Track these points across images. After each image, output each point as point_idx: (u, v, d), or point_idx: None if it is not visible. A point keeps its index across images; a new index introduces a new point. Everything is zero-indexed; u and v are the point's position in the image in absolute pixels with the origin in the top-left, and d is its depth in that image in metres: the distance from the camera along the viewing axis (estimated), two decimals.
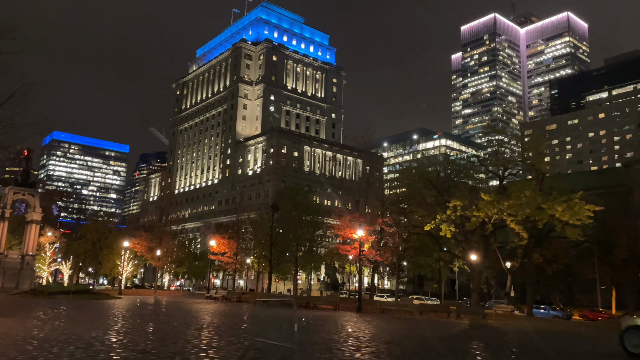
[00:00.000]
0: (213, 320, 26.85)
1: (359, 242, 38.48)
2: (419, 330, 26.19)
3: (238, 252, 61.59)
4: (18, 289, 58.50)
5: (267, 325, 23.08)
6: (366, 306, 40.36)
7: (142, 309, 33.88)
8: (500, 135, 43.81)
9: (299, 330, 19.89)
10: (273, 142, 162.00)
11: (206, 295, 58.15)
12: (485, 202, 36.05)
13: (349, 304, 42.52)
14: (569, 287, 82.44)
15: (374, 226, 40.28)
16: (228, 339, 17.90)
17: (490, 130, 44.82)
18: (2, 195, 66.79)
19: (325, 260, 76.31)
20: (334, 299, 44.73)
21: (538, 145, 42.34)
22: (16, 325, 19.71)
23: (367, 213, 40.59)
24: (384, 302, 42.91)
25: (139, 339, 16.50)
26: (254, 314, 30.96)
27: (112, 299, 47.16)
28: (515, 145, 43.49)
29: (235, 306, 42.45)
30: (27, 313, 26.30)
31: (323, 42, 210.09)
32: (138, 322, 23.15)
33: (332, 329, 23.93)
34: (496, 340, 23.57)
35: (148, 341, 16.30)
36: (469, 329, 28.66)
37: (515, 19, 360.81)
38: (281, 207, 56.68)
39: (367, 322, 29.67)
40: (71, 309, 30.11)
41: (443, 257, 55.81)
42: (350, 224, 40.07)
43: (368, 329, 24.71)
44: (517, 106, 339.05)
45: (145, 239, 68.93)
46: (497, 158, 40.41)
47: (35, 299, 39.70)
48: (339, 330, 23.54)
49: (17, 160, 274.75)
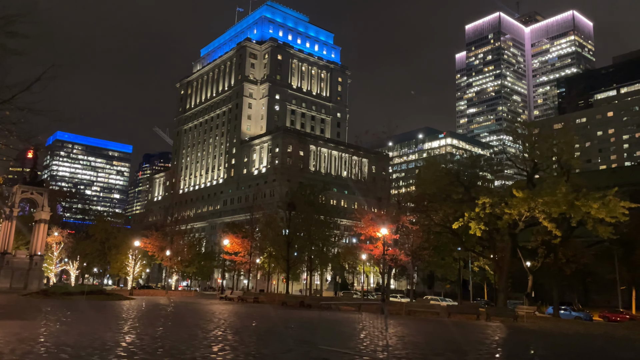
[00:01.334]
0: (244, 323, 25.32)
1: (383, 241, 37.04)
2: (465, 335, 24.60)
3: (252, 252, 60.12)
4: (27, 289, 57.15)
5: (338, 332, 21.12)
6: (389, 307, 38.83)
7: (163, 311, 32.40)
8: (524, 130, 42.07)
9: (353, 336, 18.45)
10: (279, 141, 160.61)
11: (220, 296, 56.65)
12: (518, 199, 34.57)
13: (370, 306, 41.04)
14: (584, 287, 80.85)
15: (397, 224, 38.80)
16: (276, 345, 16.45)
17: (519, 125, 43.15)
18: (9, 194, 65.51)
19: (338, 260, 74.86)
20: (357, 301, 43.16)
21: (570, 139, 40.77)
22: (39, 330, 18.30)
23: (389, 211, 39.05)
24: (409, 304, 41.39)
25: (183, 347, 15.03)
26: (321, 318, 28.96)
27: (125, 299, 45.74)
28: (544, 141, 41.87)
29: (255, 307, 40.95)
30: (46, 315, 24.88)
31: (328, 41, 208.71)
32: (170, 325, 21.70)
33: (379, 334, 22.39)
34: (556, 347, 21.89)
35: (192, 348, 14.86)
36: (513, 332, 27.11)
37: (520, 17, 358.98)
38: (297, 206, 55.30)
39: (403, 324, 28.19)
40: (90, 311, 28.71)
41: (463, 256, 54.26)
42: (373, 222, 38.58)
43: (413, 334, 23.16)
44: (522, 105, 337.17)
45: (157, 238, 67.60)
46: (527, 154, 38.82)
47: (49, 300, 38.30)
48: (389, 335, 22.00)
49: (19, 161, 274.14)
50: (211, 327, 21.55)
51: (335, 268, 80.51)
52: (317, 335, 19.43)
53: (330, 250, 72.52)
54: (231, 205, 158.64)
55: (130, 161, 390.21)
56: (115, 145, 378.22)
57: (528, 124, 45.71)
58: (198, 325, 22.48)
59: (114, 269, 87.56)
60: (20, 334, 16.74)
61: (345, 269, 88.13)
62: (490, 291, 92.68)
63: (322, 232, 60.49)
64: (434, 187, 40.82)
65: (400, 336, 21.61)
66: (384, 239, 37.14)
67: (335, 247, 76.84)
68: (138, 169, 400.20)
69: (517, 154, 41.92)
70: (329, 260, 67.68)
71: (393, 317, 35.23)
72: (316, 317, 30.60)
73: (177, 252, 69.12)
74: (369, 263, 78.55)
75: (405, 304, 40.24)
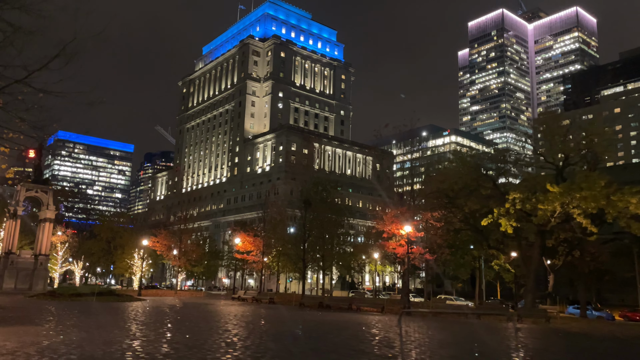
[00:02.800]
0: (277, 328, 23.41)
1: (407, 239, 35.33)
2: (511, 340, 22.80)
3: (264, 251, 58.45)
4: (32, 290, 55.47)
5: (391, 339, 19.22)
6: (413, 309, 37.14)
7: (180, 314, 30.61)
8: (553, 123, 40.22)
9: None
10: (282, 139, 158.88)
11: (233, 296, 54.86)
12: (554, 194, 32.83)
13: (393, 306, 39.33)
14: (598, 286, 79.13)
15: (421, 221, 37.13)
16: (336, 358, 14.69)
17: (549, 116, 41.33)
18: (13, 193, 63.79)
19: (351, 258, 73.24)
20: (380, 301, 41.39)
21: (602, 131, 39.00)
22: (58, 338, 16.58)
23: (412, 207, 37.34)
24: (437, 305, 39.67)
25: (224, 358, 13.28)
26: (351, 321, 26.93)
27: (135, 300, 44.00)
28: (576, 133, 40.07)
29: (274, 309, 39.08)
30: (60, 320, 23.13)
31: (331, 38, 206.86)
32: (198, 331, 19.89)
33: (425, 340, 20.64)
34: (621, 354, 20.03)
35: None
36: (557, 336, 25.39)
37: (523, 14, 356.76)
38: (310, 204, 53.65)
39: (443, 329, 26.43)
40: (105, 314, 26.96)
41: (482, 254, 52.53)
42: (396, 220, 36.92)
43: (457, 340, 21.37)
44: (526, 102, 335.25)
45: (165, 237, 65.88)
46: (559, 146, 37.02)
47: (58, 302, 36.57)
48: (437, 340, 20.33)
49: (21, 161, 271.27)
50: (245, 334, 19.81)
51: (343, 267, 78.84)
52: (366, 343, 17.73)
53: (343, 249, 70.88)
54: (235, 204, 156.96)
55: (132, 160, 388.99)
56: (116, 145, 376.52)
57: (557, 116, 43.92)
58: (229, 330, 20.72)
59: (119, 268, 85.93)
60: (38, 342, 15.03)
61: (355, 268, 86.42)
62: (503, 290, 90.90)
63: (335, 230, 58.82)
64: (461, 182, 39.10)
65: (448, 342, 19.88)
66: (407, 237, 35.45)
67: (346, 245, 75.08)
68: (139, 169, 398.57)
69: (542, 147, 40.15)
70: (341, 259, 66.12)
71: (419, 318, 33.55)
72: (344, 319, 28.92)
73: (185, 251, 67.44)
74: (380, 262, 76.96)
75: (432, 305, 38.46)
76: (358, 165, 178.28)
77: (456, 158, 44.02)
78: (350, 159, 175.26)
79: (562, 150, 38.32)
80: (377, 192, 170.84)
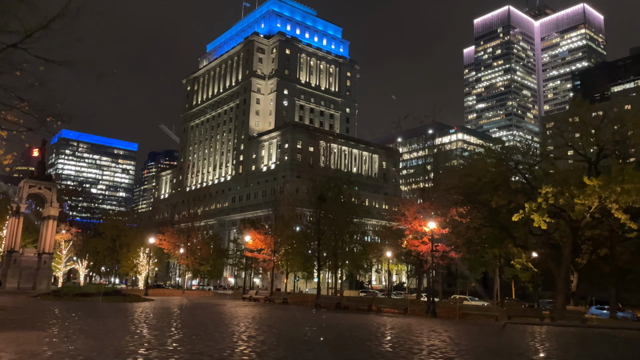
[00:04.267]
0: (308, 333, 21.44)
1: (432, 236, 33.16)
2: (569, 347, 20.58)
3: (276, 249, 56.43)
4: (35, 290, 53.65)
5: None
6: (439, 310, 34.84)
7: (193, 316, 28.47)
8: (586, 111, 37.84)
9: None
10: (288, 137, 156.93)
11: (244, 296, 52.74)
12: (592, 187, 30.62)
13: (416, 307, 37.18)
14: (618, 286, 76.75)
15: (445, 217, 35.05)
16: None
17: (581, 103, 39.03)
18: (16, 190, 62.01)
19: (364, 257, 71.15)
20: (402, 302, 39.24)
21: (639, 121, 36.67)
22: (63, 346, 14.54)
23: (436, 203, 35.26)
24: (464, 306, 37.51)
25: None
26: (381, 325, 24.65)
27: (143, 301, 41.98)
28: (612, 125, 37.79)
29: (290, 310, 36.75)
30: (65, 324, 21.08)
31: (336, 35, 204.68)
32: (219, 338, 17.82)
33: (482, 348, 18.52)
34: None
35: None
36: (614, 342, 23.15)
37: (530, 11, 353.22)
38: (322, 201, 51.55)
39: (483, 333, 24.30)
40: (113, 317, 24.87)
41: (503, 252, 50.31)
42: (419, 216, 34.78)
43: (515, 351, 19.20)
44: (532, 100, 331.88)
45: (172, 235, 63.96)
46: (592, 138, 34.77)
47: (62, 303, 34.60)
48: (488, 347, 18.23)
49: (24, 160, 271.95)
50: (273, 341, 17.65)
51: (353, 266, 76.77)
52: (417, 354, 15.60)
53: (356, 247, 68.79)
54: (240, 202, 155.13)
55: (136, 159, 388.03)
56: (120, 144, 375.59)
57: (590, 107, 41.65)
58: (254, 337, 18.52)
59: (124, 267, 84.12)
60: (40, 353, 13.02)
61: (363, 267, 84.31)
62: (518, 290, 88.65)
63: (348, 228, 56.75)
64: (489, 176, 36.92)
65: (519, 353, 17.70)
66: (432, 234, 33.32)
67: (357, 244, 72.98)
68: (143, 167, 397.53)
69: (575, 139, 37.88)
70: (354, 258, 64.08)
71: (446, 320, 31.40)
72: (370, 322, 26.78)
73: (192, 250, 65.53)
74: (392, 261, 74.86)
75: (458, 306, 36.29)
76: (364, 163, 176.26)
77: (485, 150, 41.76)
78: (356, 156, 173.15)
79: (597, 142, 36.03)
80: (384, 190, 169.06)
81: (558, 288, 37.06)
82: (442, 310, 35.60)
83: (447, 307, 37.79)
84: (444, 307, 37.38)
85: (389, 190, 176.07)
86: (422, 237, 35.25)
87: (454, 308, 35.37)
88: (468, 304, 58.17)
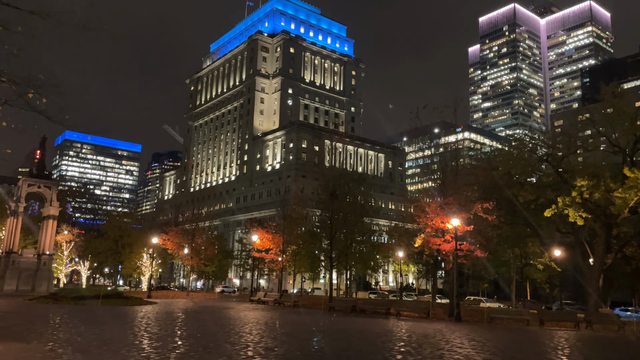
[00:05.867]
0: (336, 344, 18.17)
1: (455, 234, 30.80)
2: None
3: (285, 249, 54.21)
4: (35, 292, 51.69)
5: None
6: (463, 313, 32.21)
7: (201, 321, 25.99)
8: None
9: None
10: (293, 136, 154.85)
11: (251, 299, 50.37)
12: (634, 179, 28.16)
13: (437, 310, 34.73)
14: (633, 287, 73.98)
15: (469, 214, 32.64)
16: None
17: (619, 93, 36.50)
18: (15, 189, 60.18)
19: (376, 257, 68.77)
20: (424, 305, 36.71)
21: None
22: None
23: (459, 198, 32.83)
24: (492, 310, 35.01)
25: None
26: (413, 332, 21.74)
27: (145, 304, 39.82)
28: None
29: (304, 314, 34.10)
30: (54, 333, 18.76)
31: (341, 33, 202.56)
32: (241, 353, 15.40)
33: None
34: None
35: None
36: None
37: (536, 9, 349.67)
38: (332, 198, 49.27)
39: (535, 343, 21.84)
40: (112, 324, 22.65)
41: (527, 252, 47.88)
42: (442, 212, 32.38)
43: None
44: (539, 99, 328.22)
45: (176, 234, 61.88)
46: (630, 128, 32.29)
47: (59, 307, 32.47)
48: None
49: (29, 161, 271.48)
50: (296, 355, 15.22)
51: (362, 266, 74.47)
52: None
53: (366, 246, 66.45)
54: (244, 202, 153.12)
55: (140, 160, 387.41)
56: (124, 145, 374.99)
57: (626, 96, 39.13)
58: (273, 349, 16.01)
59: (127, 268, 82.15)
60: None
61: (374, 267, 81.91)
62: (533, 291, 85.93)
63: (359, 227, 54.47)
64: (520, 168, 34.50)
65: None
66: (455, 231, 30.97)
67: (366, 244, 70.66)
68: (147, 169, 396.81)
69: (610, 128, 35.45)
70: (364, 258, 61.74)
71: (474, 325, 28.91)
72: (399, 328, 24.35)
73: (197, 250, 63.42)
74: (404, 261, 72.45)
75: (485, 309, 33.83)
76: (370, 162, 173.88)
77: (515, 141, 39.18)
78: (361, 156, 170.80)
79: (632, 131, 33.57)
80: (390, 189, 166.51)
81: (590, 288, 34.62)
82: (465, 313, 33.13)
83: (469, 310, 35.30)
84: (465, 310, 34.84)
85: (395, 190, 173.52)
86: (445, 235, 32.90)
87: (478, 311, 32.94)
88: (487, 307, 55.74)
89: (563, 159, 35.65)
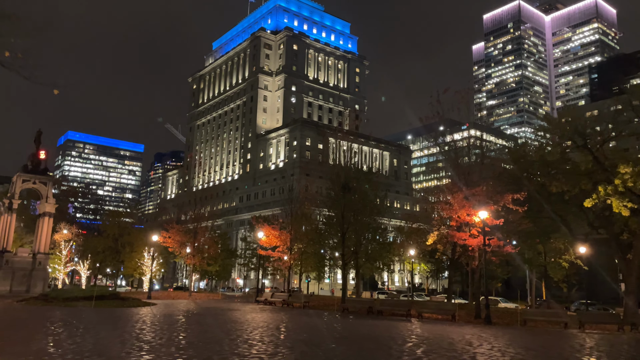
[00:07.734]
0: (368, 355, 15.57)
1: (483, 228, 27.97)
2: None
3: (292, 246, 51.54)
4: (29, 292, 49.09)
5: None
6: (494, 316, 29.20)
7: (206, 326, 22.95)
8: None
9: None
10: (296, 134, 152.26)
11: (257, 299, 47.56)
12: None
13: (461, 312, 31.91)
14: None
15: (498, 206, 29.83)
16: None
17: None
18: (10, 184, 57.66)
19: (385, 256, 66.03)
20: (450, 306, 33.77)
21: None
22: None
23: (487, 189, 30.01)
24: (525, 311, 32.17)
25: None
26: (450, 340, 18.80)
27: (144, 305, 37.16)
28: None
29: (317, 317, 30.95)
30: (27, 341, 15.90)
31: (344, 30, 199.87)
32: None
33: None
34: None
35: None
36: None
37: (540, 6, 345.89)
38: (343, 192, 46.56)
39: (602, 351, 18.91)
40: (100, 329, 19.97)
41: (551, 248, 44.96)
42: (468, 203, 29.58)
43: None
44: (544, 96, 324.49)
45: (177, 232, 59.24)
46: None
47: (47, 308, 29.88)
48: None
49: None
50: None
51: (371, 266, 71.78)
52: None
53: (374, 245, 63.72)
54: (247, 201, 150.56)
55: (142, 160, 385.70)
56: (126, 145, 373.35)
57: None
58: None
59: (128, 268, 79.63)
60: None
61: (382, 267, 79.16)
62: (549, 289, 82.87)
63: (370, 224, 51.81)
64: (556, 154, 31.61)
65: None
66: (484, 225, 28.17)
67: (375, 243, 67.95)
68: (150, 169, 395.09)
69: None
70: (374, 256, 59.04)
71: (508, 329, 26.04)
72: (432, 334, 21.50)
73: (200, 249, 60.80)
74: (415, 260, 69.70)
75: (520, 311, 30.98)
76: (374, 160, 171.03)
77: (549, 124, 36.18)
78: (366, 154, 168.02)
79: None
80: (395, 188, 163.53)
81: (629, 288, 31.71)
82: (493, 315, 30.20)
83: (494, 311, 32.38)
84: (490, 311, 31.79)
85: (401, 188, 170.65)
86: (471, 229, 30.05)
87: (506, 313, 30.12)
88: (504, 307, 52.88)
89: (602, 144, 32.76)
